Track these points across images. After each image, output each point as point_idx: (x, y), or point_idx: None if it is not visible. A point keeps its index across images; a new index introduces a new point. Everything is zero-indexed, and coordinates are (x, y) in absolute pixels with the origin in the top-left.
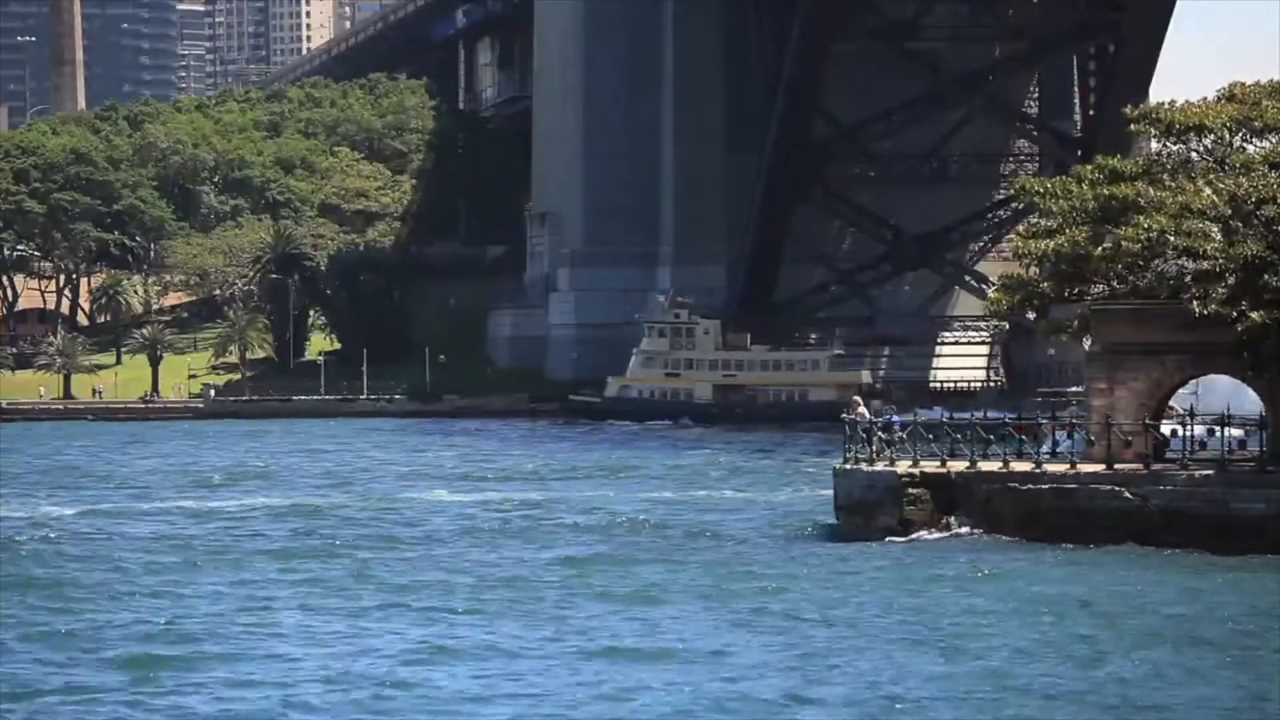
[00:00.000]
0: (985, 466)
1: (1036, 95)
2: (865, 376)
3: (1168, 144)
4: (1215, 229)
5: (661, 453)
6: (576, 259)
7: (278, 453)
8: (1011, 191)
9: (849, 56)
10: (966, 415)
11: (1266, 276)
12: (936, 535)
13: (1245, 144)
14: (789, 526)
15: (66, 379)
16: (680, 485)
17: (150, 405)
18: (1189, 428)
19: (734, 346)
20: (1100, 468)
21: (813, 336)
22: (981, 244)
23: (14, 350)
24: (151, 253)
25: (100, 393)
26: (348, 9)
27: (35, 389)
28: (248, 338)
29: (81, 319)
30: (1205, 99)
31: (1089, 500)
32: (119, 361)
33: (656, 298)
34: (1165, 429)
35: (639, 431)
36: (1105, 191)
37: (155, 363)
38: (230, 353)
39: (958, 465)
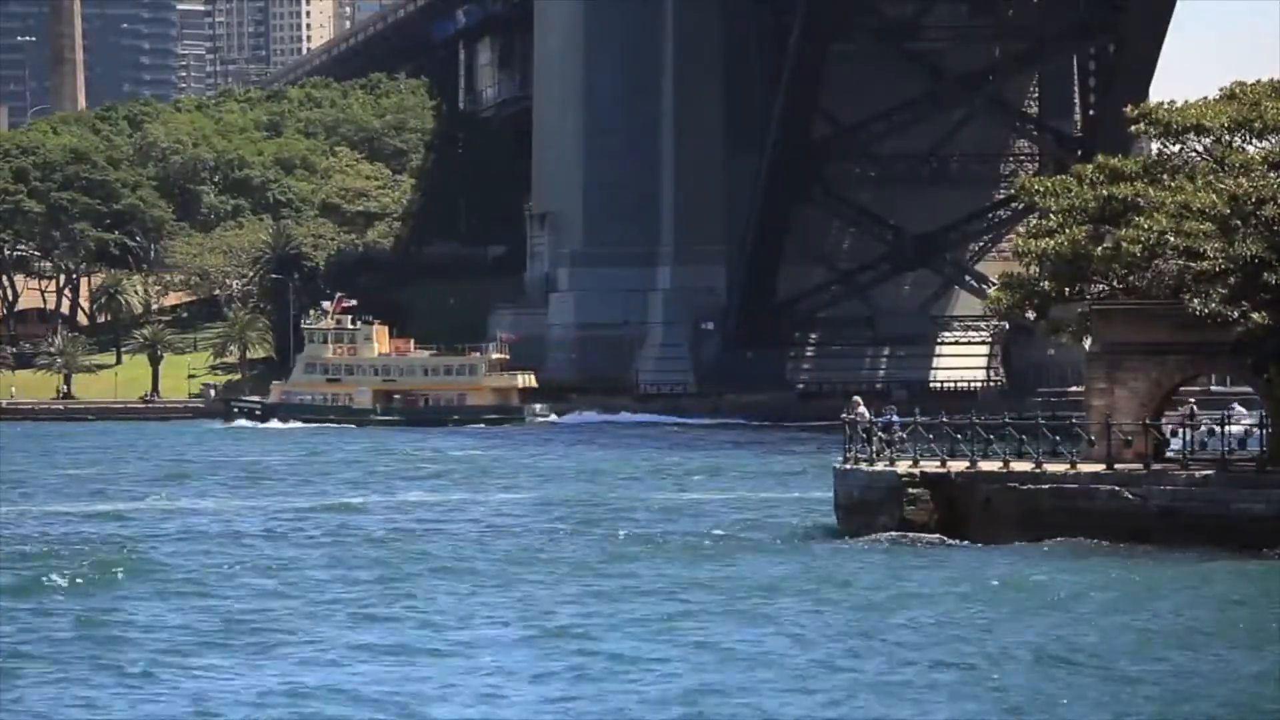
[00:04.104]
0: (985, 466)
1: (1036, 95)
2: (524, 380)
3: (1167, 144)
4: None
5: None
6: (576, 259)
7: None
8: (1011, 191)
9: (849, 56)
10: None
11: (1266, 276)
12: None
13: (1245, 144)
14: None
15: (66, 379)
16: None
17: (150, 405)
18: (1188, 427)
19: (398, 352)
20: (1100, 468)
21: (812, 336)
22: (981, 244)
23: (14, 350)
24: (151, 253)
25: (64, 393)
26: (348, 9)
27: (8, 389)
28: (248, 338)
29: (81, 319)
30: (1205, 99)
31: (1089, 500)
32: (119, 361)
33: (323, 304)
34: (1166, 429)
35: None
36: (1105, 191)
37: (155, 362)
38: (230, 352)
39: (958, 465)
